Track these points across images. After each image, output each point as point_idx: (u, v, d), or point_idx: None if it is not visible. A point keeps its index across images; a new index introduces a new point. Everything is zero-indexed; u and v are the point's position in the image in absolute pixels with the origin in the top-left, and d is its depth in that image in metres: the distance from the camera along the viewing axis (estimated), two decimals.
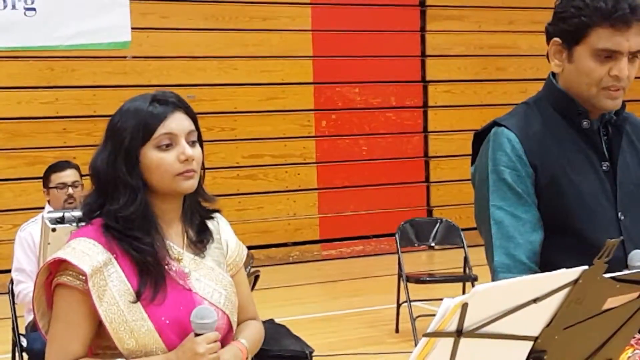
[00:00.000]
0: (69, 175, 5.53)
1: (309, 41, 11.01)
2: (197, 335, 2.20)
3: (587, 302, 1.90)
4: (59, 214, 5.10)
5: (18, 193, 9.69)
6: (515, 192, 2.36)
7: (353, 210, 11.17)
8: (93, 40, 9.94)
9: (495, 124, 2.44)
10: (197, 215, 2.42)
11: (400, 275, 7.37)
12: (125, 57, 10.17)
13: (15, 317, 5.50)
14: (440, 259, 9.31)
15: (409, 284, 7.28)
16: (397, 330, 7.41)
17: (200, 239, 2.40)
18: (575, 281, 1.84)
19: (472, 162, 2.50)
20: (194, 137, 2.33)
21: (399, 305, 7.42)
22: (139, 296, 2.24)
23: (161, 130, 2.28)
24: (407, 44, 11.52)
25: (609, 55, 2.35)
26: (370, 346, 7.05)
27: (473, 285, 7.37)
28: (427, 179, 11.70)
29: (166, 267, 2.30)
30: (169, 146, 2.28)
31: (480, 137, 2.49)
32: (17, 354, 5.45)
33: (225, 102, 10.44)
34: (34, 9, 9.69)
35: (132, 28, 10.09)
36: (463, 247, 7.52)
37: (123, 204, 2.26)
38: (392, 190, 11.33)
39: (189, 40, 10.44)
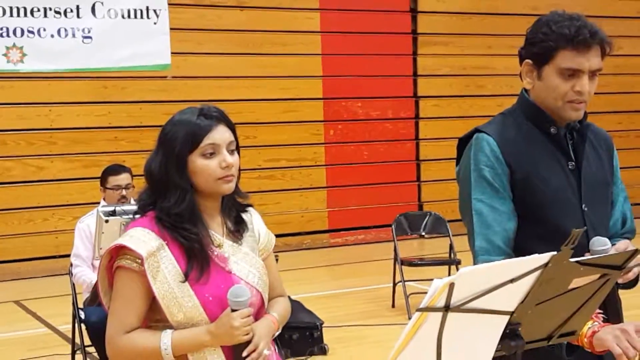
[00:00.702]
0: (123, 179, 5.47)
1: (319, 63, 11.01)
2: (233, 310, 2.18)
3: (556, 282, 1.88)
4: (111, 208, 5.09)
5: (77, 190, 9.72)
6: (493, 187, 2.33)
7: (356, 205, 11.15)
8: (139, 63, 9.96)
9: (476, 130, 2.42)
10: (234, 210, 2.40)
11: (395, 260, 7.36)
12: (166, 77, 10.19)
13: (75, 294, 5.50)
14: (430, 245, 9.28)
15: (403, 267, 7.27)
16: (393, 306, 7.40)
17: (237, 229, 2.38)
18: (546, 264, 1.82)
19: (457, 163, 2.48)
20: (233, 147, 2.30)
21: (394, 285, 7.41)
22: (186, 277, 2.23)
23: (206, 141, 2.25)
24: (402, 65, 11.50)
25: (572, 74, 2.32)
26: (370, 319, 7.04)
27: (457, 268, 7.34)
28: (418, 179, 11.68)
29: (210, 252, 2.28)
30: (212, 154, 2.26)
31: (463, 141, 2.46)
32: (76, 325, 5.46)
33: (249, 115, 10.42)
34: (90, 37, 9.71)
35: (172, 53, 10.11)
36: (449, 235, 7.50)
37: (174, 203, 2.24)
38: (389, 188, 11.31)
39: (219, 63, 10.45)
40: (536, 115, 2.40)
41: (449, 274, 7.40)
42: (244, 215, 2.43)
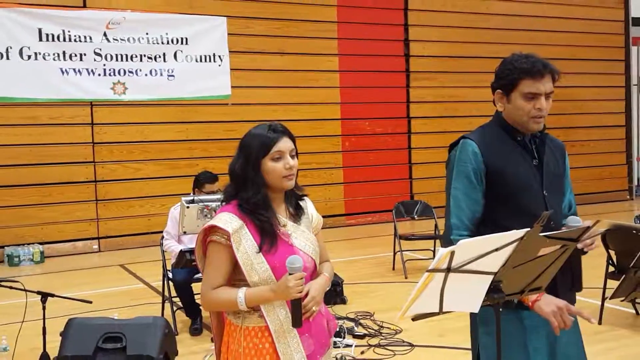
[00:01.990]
0: (216, 186, 5.36)
1: (338, 94, 10.97)
2: (290, 274, 2.14)
3: (528, 251, 1.84)
4: (191, 198, 5.08)
5: (163, 186, 9.76)
6: (469, 179, 2.28)
7: (365, 195, 11.11)
8: (208, 94, 9.97)
9: (463, 137, 2.38)
10: (294, 199, 2.35)
11: (395, 235, 7.32)
12: (227, 104, 10.18)
13: (164, 260, 5.52)
14: (420, 225, 9.23)
15: (400, 240, 7.23)
16: (393, 269, 7.35)
17: (297, 213, 2.33)
18: (522, 238, 1.78)
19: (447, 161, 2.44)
20: (294, 153, 2.27)
21: (394, 254, 7.38)
22: (260, 248, 2.19)
23: (275, 148, 2.21)
24: (398, 95, 11.43)
25: (533, 97, 2.27)
26: (376, 278, 7.01)
27: (441, 242, 7.29)
28: (410, 177, 11.61)
29: (277, 231, 2.25)
30: (279, 159, 2.22)
31: (453, 145, 2.43)
32: (165, 282, 5.48)
33: None
34: (173, 75, 9.74)
35: (232, 86, 10.10)
36: (434, 218, 7.45)
37: (252, 194, 2.21)
38: (389, 183, 11.26)
39: (265, 94, 10.43)
40: (507, 127, 2.36)
41: (434, 247, 7.37)
42: (301, 203, 2.38)
